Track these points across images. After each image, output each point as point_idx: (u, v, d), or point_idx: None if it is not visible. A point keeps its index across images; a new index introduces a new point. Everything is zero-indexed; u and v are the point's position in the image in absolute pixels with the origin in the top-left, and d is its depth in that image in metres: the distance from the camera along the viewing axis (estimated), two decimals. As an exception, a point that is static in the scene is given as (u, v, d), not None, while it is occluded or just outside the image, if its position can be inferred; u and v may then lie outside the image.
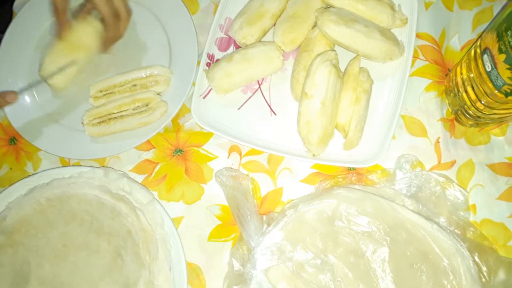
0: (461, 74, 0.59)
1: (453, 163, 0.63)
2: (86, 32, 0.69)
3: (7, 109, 0.71)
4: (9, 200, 0.66)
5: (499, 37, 0.49)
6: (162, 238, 0.62)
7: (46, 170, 0.68)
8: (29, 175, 0.68)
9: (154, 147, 0.69)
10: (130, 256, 0.62)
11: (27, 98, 0.73)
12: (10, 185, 0.67)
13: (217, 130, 0.66)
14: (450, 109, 0.65)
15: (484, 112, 0.57)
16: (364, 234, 0.57)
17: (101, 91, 0.70)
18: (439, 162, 0.63)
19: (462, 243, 0.55)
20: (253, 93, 0.69)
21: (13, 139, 0.73)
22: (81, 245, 0.62)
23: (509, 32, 0.47)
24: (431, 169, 0.63)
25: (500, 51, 0.49)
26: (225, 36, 0.72)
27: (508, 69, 0.49)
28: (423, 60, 0.68)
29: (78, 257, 0.62)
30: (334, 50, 0.64)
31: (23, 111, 0.72)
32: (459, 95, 0.60)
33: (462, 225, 0.58)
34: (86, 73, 0.73)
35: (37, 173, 0.68)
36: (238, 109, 0.68)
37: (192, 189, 0.67)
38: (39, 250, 0.62)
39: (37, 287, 0.61)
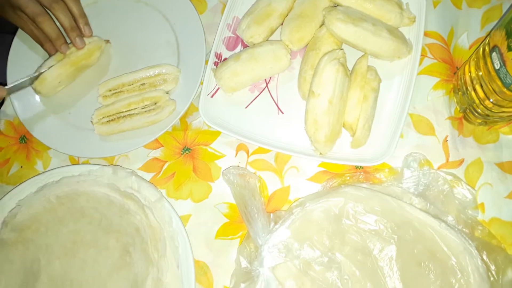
0: (470, 72, 0.59)
1: (461, 161, 0.63)
2: (89, 51, 0.72)
3: (18, 108, 0.72)
4: (19, 198, 0.66)
5: (508, 35, 0.49)
6: (170, 236, 0.63)
7: (56, 168, 0.69)
8: (39, 173, 0.69)
9: (163, 146, 0.70)
10: (138, 253, 0.62)
11: (37, 98, 0.73)
12: (20, 183, 0.68)
13: (224, 129, 0.66)
14: (458, 107, 0.64)
15: (493, 110, 0.57)
16: (372, 232, 0.57)
17: (110, 90, 0.70)
18: (447, 161, 0.63)
19: (470, 242, 0.55)
20: (261, 92, 0.69)
21: (24, 138, 0.74)
22: (90, 242, 0.63)
23: (518, 30, 0.47)
24: (439, 168, 0.63)
25: (509, 48, 0.49)
26: (232, 35, 0.72)
27: (517, 66, 0.48)
28: (431, 58, 0.68)
29: (87, 254, 0.62)
30: (342, 49, 0.64)
31: (33, 110, 0.73)
32: (467, 93, 0.60)
33: (471, 223, 0.58)
34: (95, 72, 0.74)
35: (47, 171, 0.69)
36: (246, 108, 0.69)
37: (200, 187, 0.67)
38: (49, 247, 0.63)
39: (46, 283, 0.61)
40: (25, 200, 0.66)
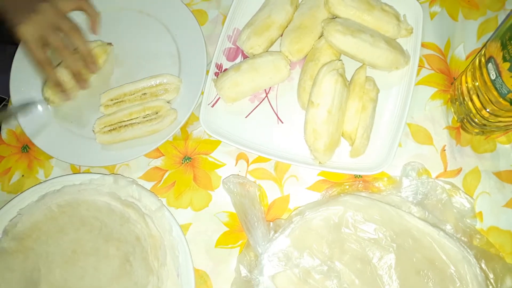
0: (466, 82, 0.60)
1: (459, 170, 0.63)
2: (96, 54, 0.72)
3: (20, 117, 0.73)
4: (20, 207, 0.67)
5: (503, 46, 0.50)
6: (170, 245, 0.63)
7: (57, 177, 0.69)
8: (41, 182, 0.69)
9: (163, 155, 0.71)
10: (138, 262, 0.62)
11: (39, 107, 0.74)
12: (21, 192, 0.68)
13: (224, 138, 0.67)
14: (455, 117, 0.65)
15: (489, 120, 0.58)
16: (371, 241, 0.57)
17: (111, 100, 0.71)
18: (445, 170, 0.64)
19: (468, 250, 0.55)
20: (260, 102, 0.70)
21: (26, 147, 0.75)
22: (90, 251, 0.63)
23: (512, 41, 0.48)
24: (437, 177, 0.63)
25: (505, 59, 0.50)
26: (233, 46, 0.73)
27: (512, 77, 0.49)
28: (429, 69, 0.69)
29: (88, 263, 0.62)
30: (341, 60, 0.65)
31: (35, 120, 0.73)
32: (464, 103, 0.61)
33: (469, 232, 0.58)
34: (97, 82, 0.75)
35: (49, 180, 0.69)
36: (246, 117, 0.69)
37: (200, 196, 0.68)
38: (49, 256, 0.63)
39: (47, 292, 0.62)
40: (26, 209, 0.66)
